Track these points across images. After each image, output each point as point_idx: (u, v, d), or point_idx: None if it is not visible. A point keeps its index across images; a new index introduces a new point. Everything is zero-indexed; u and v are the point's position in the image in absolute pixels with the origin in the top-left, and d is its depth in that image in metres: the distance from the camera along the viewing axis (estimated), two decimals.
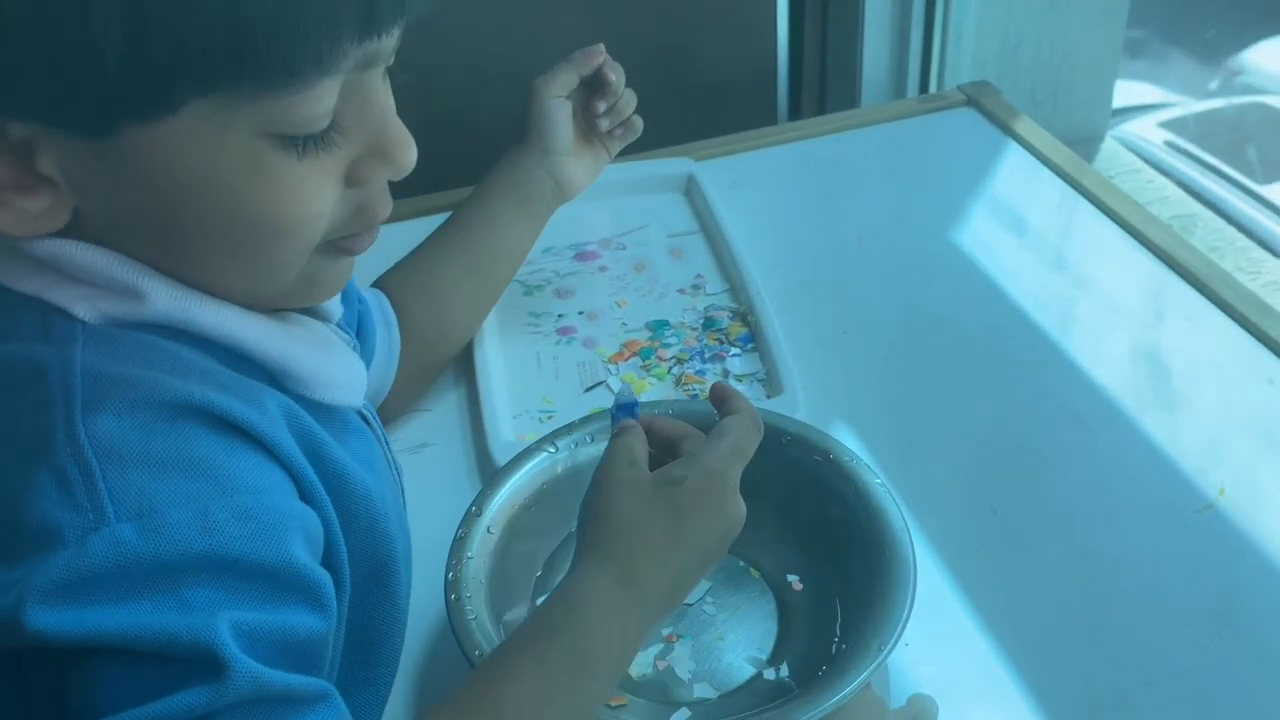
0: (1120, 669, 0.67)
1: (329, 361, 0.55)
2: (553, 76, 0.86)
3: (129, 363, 0.46)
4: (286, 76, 0.44)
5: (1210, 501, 0.76)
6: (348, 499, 0.52)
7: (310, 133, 0.47)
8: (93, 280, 0.47)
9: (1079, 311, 0.94)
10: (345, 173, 0.50)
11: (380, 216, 0.53)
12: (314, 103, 0.46)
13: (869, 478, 0.69)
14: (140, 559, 0.41)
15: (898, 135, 1.18)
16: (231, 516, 0.43)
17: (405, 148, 0.51)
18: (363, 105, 0.49)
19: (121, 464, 0.42)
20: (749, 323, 0.93)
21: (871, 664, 0.59)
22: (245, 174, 0.46)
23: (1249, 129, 2.02)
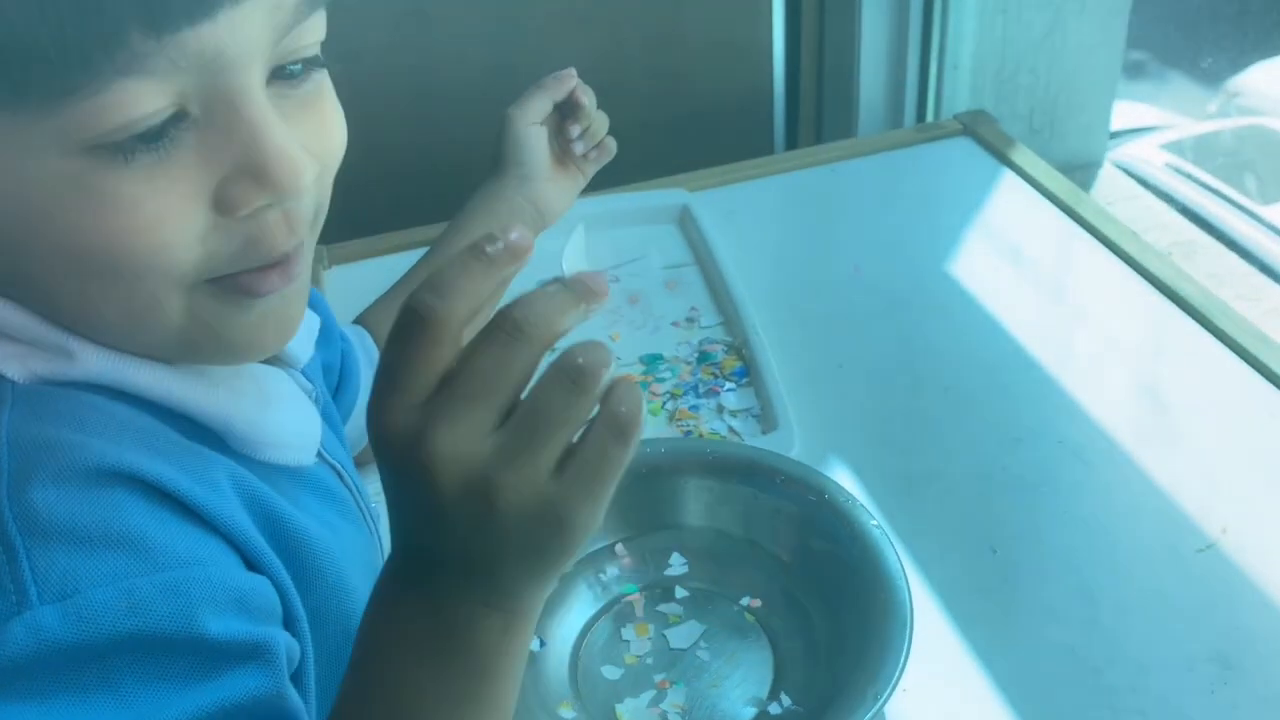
0: (1124, 715, 0.65)
1: (278, 419, 0.51)
2: (526, 103, 0.86)
3: (58, 424, 0.43)
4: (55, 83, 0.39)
5: (1212, 540, 0.75)
6: (308, 560, 0.50)
7: (128, 139, 0.41)
8: (21, 338, 0.45)
9: (1077, 344, 0.93)
10: (213, 196, 0.43)
11: (278, 250, 0.45)
12: (120, 108, 0.40)
13: (865, 519, 0.68)
14: (64, 645, 0.39)
15: (894, 165, 1.17)
16: (159, 593, 0.41)
17: (281, 164, 0.43)
18: (227, 116, 0.42)
19: (46, 540, 0.40)
20: (744, 356, 0.92)
21: (868, 712, 0.58)
22: (64, 196, 0.41)
23: (1248, 151, 2.01)
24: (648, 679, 0.67)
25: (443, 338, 0.39)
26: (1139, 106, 2.25)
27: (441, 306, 0.39)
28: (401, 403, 0.39)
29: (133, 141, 0.41)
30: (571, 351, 0.39)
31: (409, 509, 0.41)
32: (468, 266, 0.39)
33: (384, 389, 0.39)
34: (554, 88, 0.86)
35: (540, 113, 0.86)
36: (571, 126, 0.87)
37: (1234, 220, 1.68)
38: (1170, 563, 0.74)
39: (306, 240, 0.48)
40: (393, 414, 0.39)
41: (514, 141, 0.86)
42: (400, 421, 0.39)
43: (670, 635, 0.70)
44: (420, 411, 0.39)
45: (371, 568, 0.58)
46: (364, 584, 0.55)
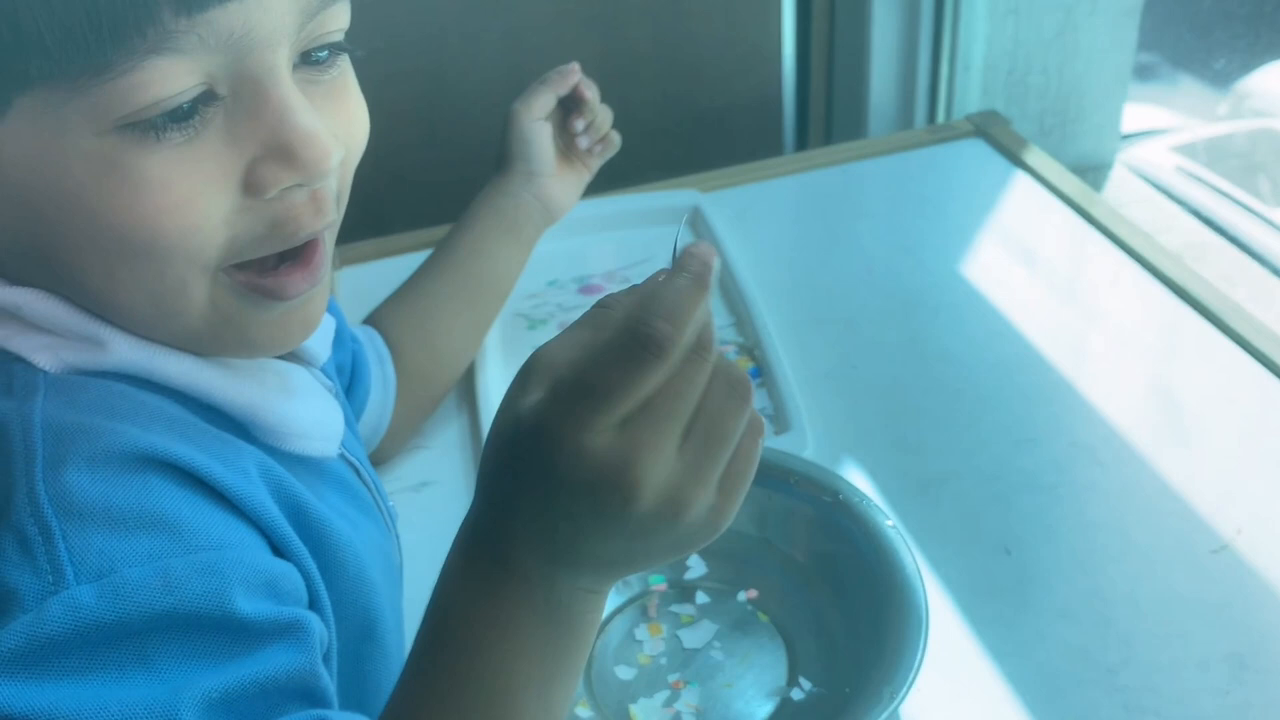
0: (1138, 715, 0.65)
1: (302, 410, 0.52)
2: (531, 100, 0.86)
3: (91, 412, 0.44)
4: (88, 60, 0.40)
5: (1227, 542, 0.75)
6: (330, 552, 0.51)
7: (158, 117, 0.41)
8: (53, 329, 0.46)
9: (1090, 344, 0.93)
10: (241, 177, 0.44)
11: (304, 230, 0.46)
12: (150, 85, 0.40)
13: (879, 519, 0.68)
14: (100, 623, 0.40)
15: (906, 166, 1.17)
16: (193, 572, 0.41)
17: (309, 144, 0.44)
18: (256, 99, 0.43)
19: (81, 522, 0.41)
20: (756, 357, 0.92)
21: (883, 712, 0.58)
22: (97, 175, 0.42)
23: (1259, 154, 2.01)
24: (662, 679, 0.67)
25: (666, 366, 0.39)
26: (1149, 109, 2.24)
27: (677, 336, 0.39)
28: (606, 422, 0.39)
29: (163, 119, 0.42)
30: (731, 365, 0.41)
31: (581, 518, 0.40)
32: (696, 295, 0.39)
33: (592, 407, 0.39)
34: (558, 83, 0.86)
35: (544, 108, 0.86)
36: (576, 121, 0.87)
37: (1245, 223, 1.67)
38: (1184, 564, 0.74)
39: (328, 232, 0.48)
40: (597, 433, 0.39)
41: (519, 138, 0.86)
42: (604, 441, 0.39)
43: (684, 635, 0.70)
44: (624, 434, 0.39)
45: (388, 562, 0.59)
46: (382, 578, 0.56)
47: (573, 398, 0.39)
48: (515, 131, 0.86)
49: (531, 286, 1.00)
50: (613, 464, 0.39)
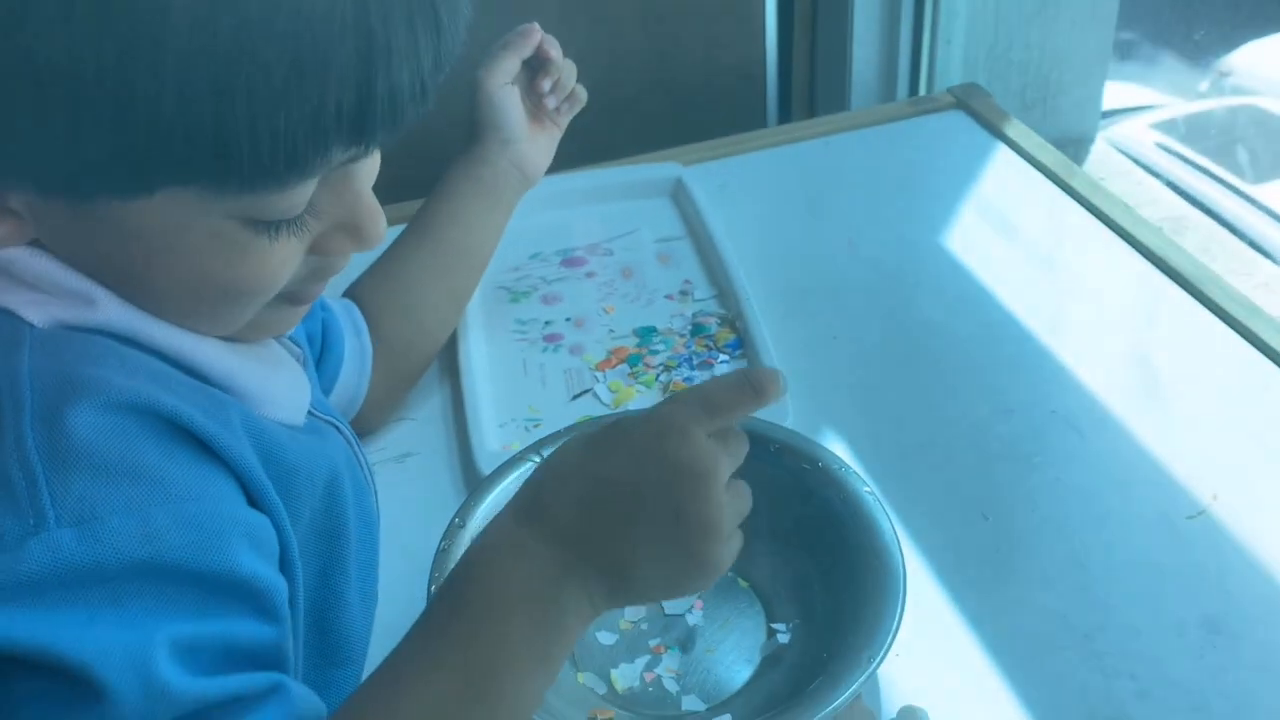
0: (1115, 678, 0.66)
1: (274, 378, 0.55)
2: (496, 65, 0.86)
3: (77, 362, 0.45)
4: (269, 182, 0.45)
5: (1203, 507, 0.75)
6: (296, 493, 0.52)
7: (284, 219, 0.47)
8: (43, 286, 0.47)
9: (1069, 315, 0.93)
10: (310, 244, 0.50)
11: (333, 274, 0.54)
12: (292, 198, 0.46)
13: (858, 486, 0.68)
14: (77, 565, 0.41)
15: (887, 138, 1.17)
16: (173, 523, 0.43)
17: (376, 223, 0.51)
18: (343, 188, 0.50)
19: (65, 469, 0.42)
20: (737, 329, 0.92)
21: (861, 675, 0.58)
22: (215, 248, 0.47)
23: (1239, 130, 2.01)
24: (643, 644, 0.68)
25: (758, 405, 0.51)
26: (1129, 87, 2.24)
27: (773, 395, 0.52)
28: (710, 426, 0.50)
29: (284, 223, 0.47)
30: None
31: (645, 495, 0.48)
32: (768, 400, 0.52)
33: (705, 409, 0.50)
34: (520, 45, 0.86)
35: (510, 72, 0.86)
36: (543, 81, 0.87)
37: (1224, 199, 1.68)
38: (1161, 529, 0.74)
39: None
40: (703, 427, 0.49)
41: (489, 105, 0.86)
42: (703, 439, 0.49)
43: (665, 602, 0.70)
44: (716, 440, 0.50)
45: (365, 511, 0.60)
46: (359, 527, 0.57)
47: (690, 399, 0.50)
48: (484, 99, 0.86)
49: (514, 259, 1.00)
50: (704, 463, 0.48)
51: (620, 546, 0.48)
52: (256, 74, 0.41)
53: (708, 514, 0.48)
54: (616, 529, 0.48)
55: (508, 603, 0.46)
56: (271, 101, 0.42)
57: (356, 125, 0.44)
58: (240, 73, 0.41)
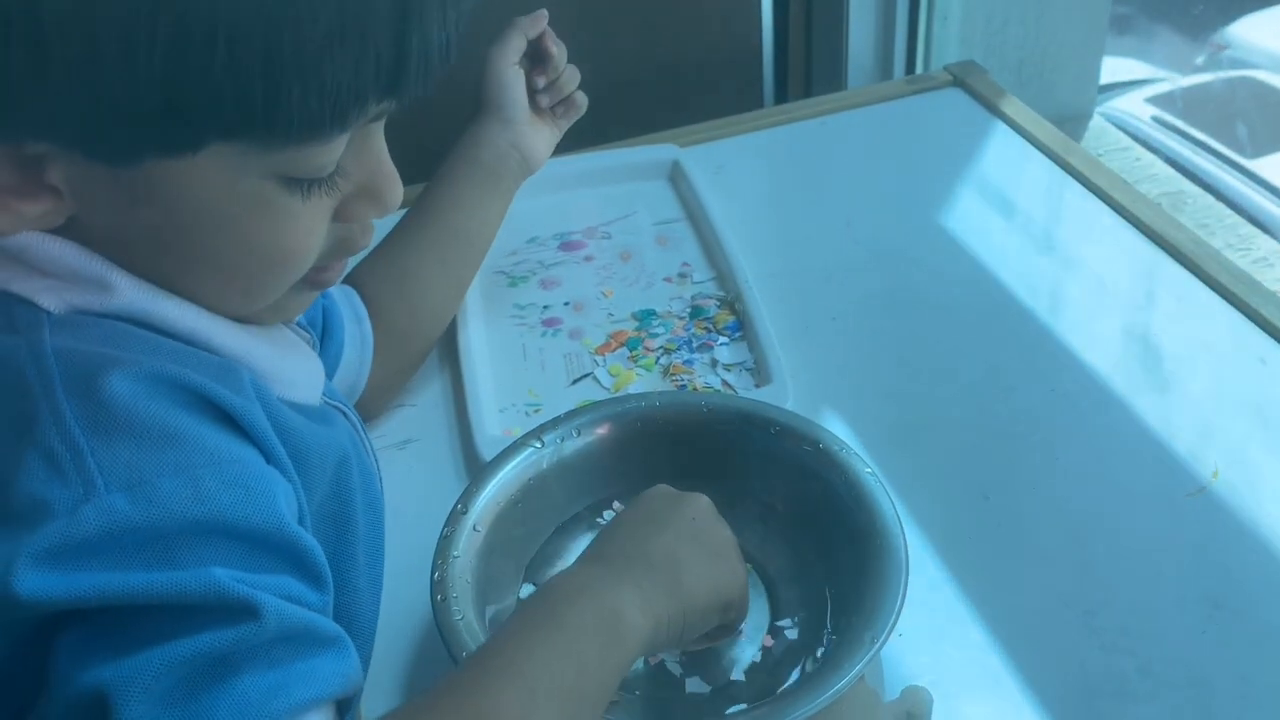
0: (1116, 655, 0.66)
1: (288, 360, 0.56)
2: (505, 44, 0.86)
3: (97, 344, 0.46)
4: (312, 133, 0.45)
5: (1204, 484, 0.76)
6: (308, 472, 0.53)
7: (318, 178, 0.48)
8: (59, 273, 0.47)
9: (1068, 293, 0.93)
10: (335, 209, 0.51)
11: (360, 248, 0.54)
12: (329, 153, 0.47)
13: (859, 467, 0.68)
14: (134, 526, 0.41)
15: (884, 117, 1.17)
16: (221, 484, 0.44)
17: (394, 188, 0.52)
18: (364, 149, 0.51)
19: (108, 438, 0.43)
20: (737, 311, 0.92)
21: (865, 656, 0.58)
22: (251, 210, 0.47)
23: (1237, 103, 2.01)
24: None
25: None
26: (1126, 61, 2.24)
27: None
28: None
29: (317, 181, 0.48)
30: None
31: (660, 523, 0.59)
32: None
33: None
34: (528, 25, 0.87)
35: (518, 51, 0.87)
36: (537, 77, 0.87)
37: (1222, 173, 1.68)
38: (1162, 507, 0.75)
39: None
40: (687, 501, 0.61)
41: (496, 84, 0.86)
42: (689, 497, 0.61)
43: None
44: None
45: (372, 495, 0.60)
46: (366, 510, 0.58)
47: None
48: (491, 76, 0.86)
49: (512, 244, 1.00)
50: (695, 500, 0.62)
51: (660, 549, 0.56)
52: (305, 22, 0.42)
53: (711, 521, 0.61)
54: (652, 542, 0.57)
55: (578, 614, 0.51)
56: (318, 51, 0.43)
57: (393, 77, 0.45)
58: (289, 21, 0.42)
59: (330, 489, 0.56)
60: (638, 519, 0.59)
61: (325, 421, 0.58)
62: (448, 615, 0.61)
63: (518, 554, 0.69)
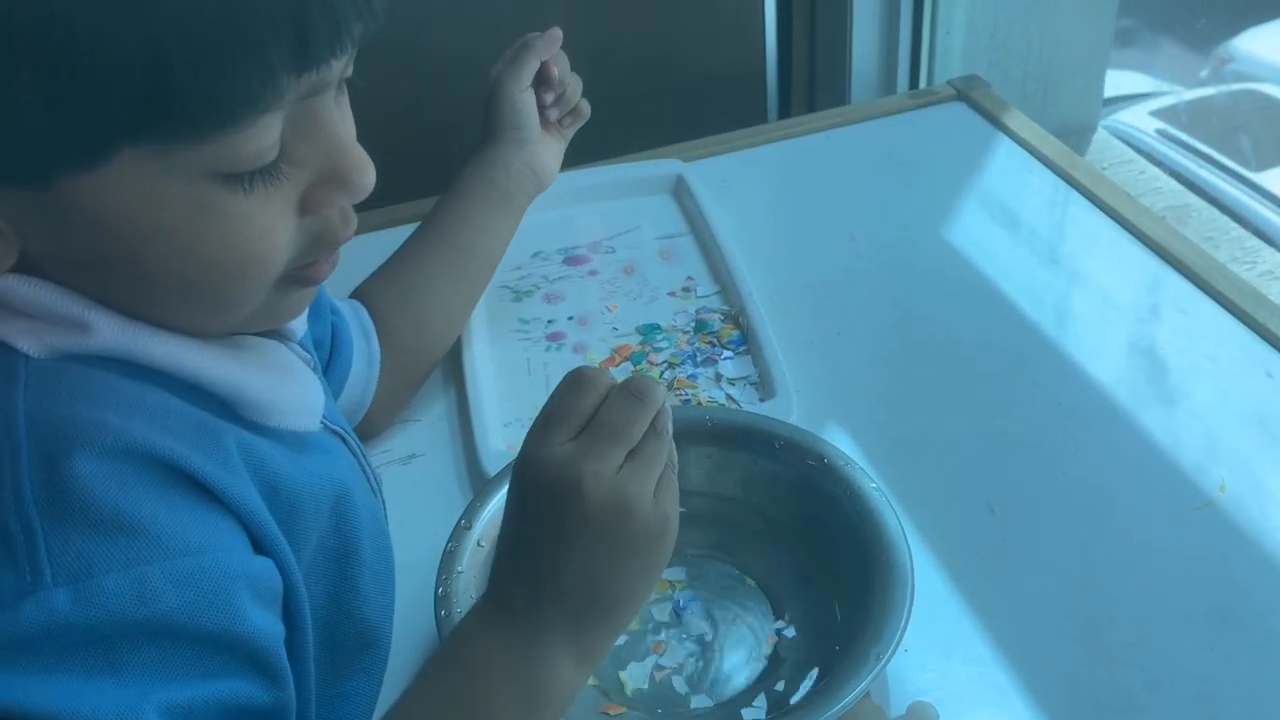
0: (1124, 670, 0.66)
1: (283, 387, 0.53)
2: (519, 68, 0.86)
3: (72, 401, 0.44)
4: (218, 119, 0.42)
5: (1211, 498, 0.75)
6: (299, 522, 0.51)
7: (255, 169, 0.45)
8: (37, 314, 0.46)
9: (1073, 306, 0.93)
10: (298, 202, 0.47)
11: (341, 240, 0.51)
12: (255, 140, 0.44)
13: (864, 482, 0.68)
14: (72, 626, 0.40)
15: (888, 132, 1.17)
16: (170, 583, 0.42)
17: (361, 170, 0.48)
18: (314, 131, 0.47)
19: (63, 522, 0.41)
20: (741, 325, 0.92)
21: (870, 673, 0.58)
22: (188, 216, 0.44)
23: (1241, 116, 2.01)
24: (650, 644, 0.68)
25: (596, 393, 0.50)
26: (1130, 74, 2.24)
27: (604, 375, 0.51)
28: (560, 437, 0.49)
29: (254, 173, 0.45)
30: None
31: (548, 529, 0.48)
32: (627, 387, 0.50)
33: (545, 427, 0.49)
34: (541, 48, 0.86)
35: (531, 75, 0.86)
36: (545, 95, 0.87)
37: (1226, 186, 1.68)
38: (1169, 520, 0.74)
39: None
40: (553, 445, 0.49)
41: (509, 107, 0.86)
42: (559, 451, 0.48)
43: (672, 601, 0.70)
44: (574, 445, 0.49)
45: (377, 525, 0.59)
46: (370, 541, 0.57)
47: (535, 425, 0.50)
48: (504, 100, 0.86)
49: (516, 259, 1.00)
50: (564, 464, 0.48)
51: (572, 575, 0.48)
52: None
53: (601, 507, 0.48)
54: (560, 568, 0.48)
55: (492, 673, 0.47)
56: (200, 26, 0.39)
57: (298, 43, 0.42)
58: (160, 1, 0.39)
59: (330, 525, 0.54)
60: (529, 538, 0.49)
61: (323, 450, 0.56)
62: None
63: None
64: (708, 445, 0.73)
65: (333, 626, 0.55)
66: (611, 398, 0.50)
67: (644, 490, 0.48)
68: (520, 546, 0.49)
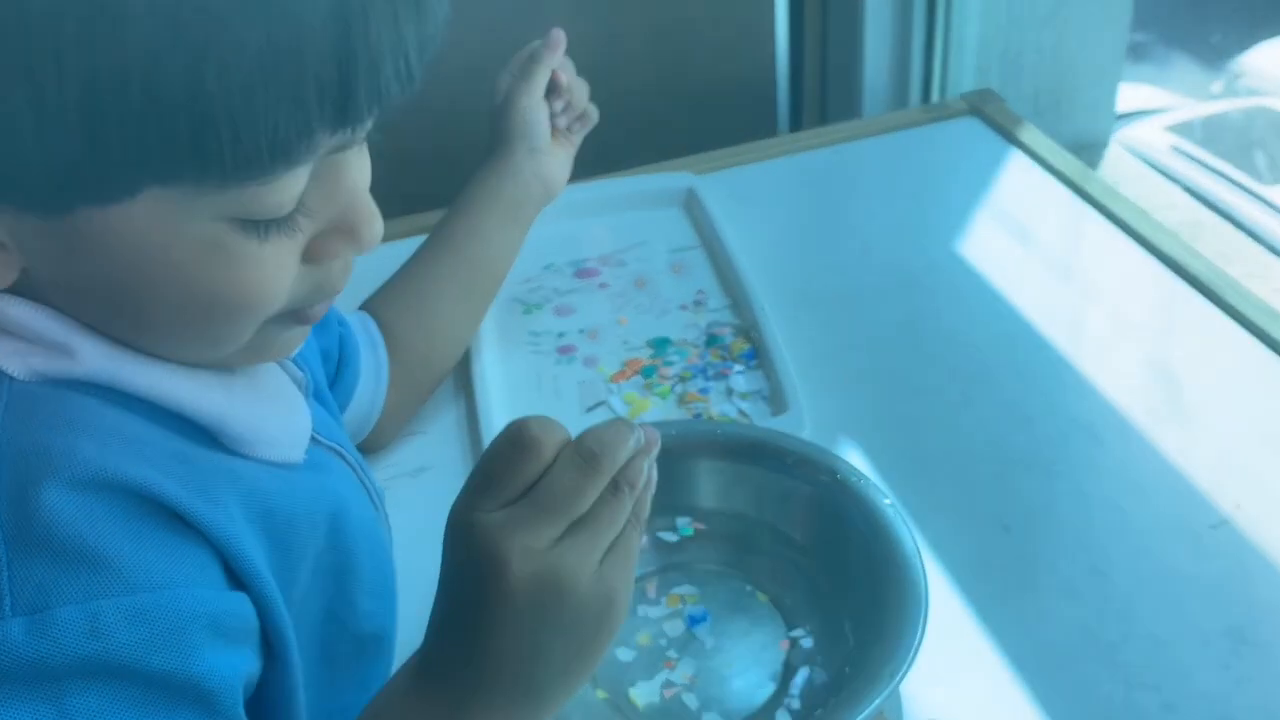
0: (1139, 690, 0.65)
1: (270, 416, 0.52)
2: (530, 79, 0.85)
3: (50, 429, 0.43)
4: (252, 170, 0.42)
5: (1226, 517, 0.75)
6: (296, 542, 0.50)
7: (275, 218, 0.44)
8: (23, 335, 0.45)
9: (1087, 322, 0.93)
10: (304, 249, 0.47)
11: (338, 290, 0.50)
12: (280, 191, 0.43)
13: (877, 498, 0.67)
14: (23, 660, 0.39)
15: (901, 145, 1.16)
16: (124, 619, 0.41)
17: (371, 224, 0.48)
18: (333, 184, 0.46)
19: (27, 554, 0.40)
20: (752, 339, 0.92)
21: (884, 690, 0.58)
22: (202, 256, 0.44)
23: (1255, 132, 2.00)
24: (661, 661, 0.67)
25: (537, 462, 0.46)
26: (1144, 88, 2.24)
27: (547, 439, 0.46)
28: (492, 503, 0.45)
29: (270, 221, 0.44)
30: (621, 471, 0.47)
31: (472, 601, 0.45)
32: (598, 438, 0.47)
33: (478, 490, 0.46)
34: (548, 57, 0.86)
35: (542, 86, 0.86)
36: (555, 102, 0.87)
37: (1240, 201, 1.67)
38: (1184, 539, 0.74)
39: None
40: (483, 511, 0.45)
41: (520, 118, 0.85)
42: (489, 519, 0.45)
43: (683, 617, 0.69)
44: (506, 513, 0.45)
45: (376, 540, 0.59)
46: (369, 557, 0.56)
47: (467, 484, 0.47)
48: (516, 112, 0.86)
49: (527, 271, 1.00)
50: (491, 533, 0.45)
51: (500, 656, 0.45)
52: (229, 50, 0.39)
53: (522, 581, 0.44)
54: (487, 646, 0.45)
55: None
56: (247, 80, 0.39)
57: (340, 104, 0.42)
58: (212, 51, 0.39)
59: (326, 542, 0.53)
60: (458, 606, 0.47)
61: (318, 468, 0.55)
62: None
63: None
64: (719, 460, 0.72)
65: (329, 642, 0.55)
66: (560, 460, 0.46)
67: (583, 563, 0.45)
68: (449, 615, 0.47)
